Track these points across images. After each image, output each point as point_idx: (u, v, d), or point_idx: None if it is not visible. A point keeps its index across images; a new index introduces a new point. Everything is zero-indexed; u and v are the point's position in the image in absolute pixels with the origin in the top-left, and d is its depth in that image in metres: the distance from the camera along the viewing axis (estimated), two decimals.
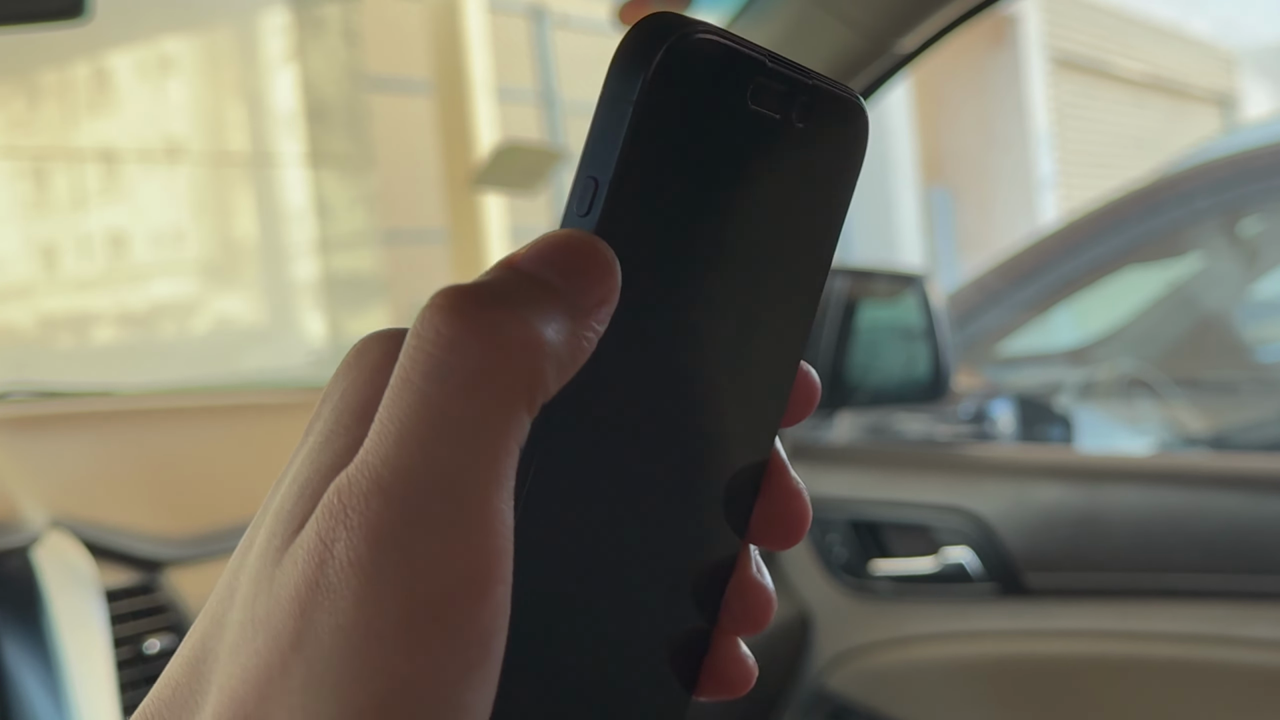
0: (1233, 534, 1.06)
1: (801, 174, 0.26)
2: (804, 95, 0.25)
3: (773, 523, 0.27)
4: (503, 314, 0.21)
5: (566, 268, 0.22)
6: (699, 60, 0.23)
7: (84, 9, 0.76)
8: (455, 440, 0.20)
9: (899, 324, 1.29)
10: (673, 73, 0.23)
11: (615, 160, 0.23)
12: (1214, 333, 1.88)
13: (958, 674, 1.13)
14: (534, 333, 0.21)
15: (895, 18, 1.03)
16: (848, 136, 0.26)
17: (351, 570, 0.19)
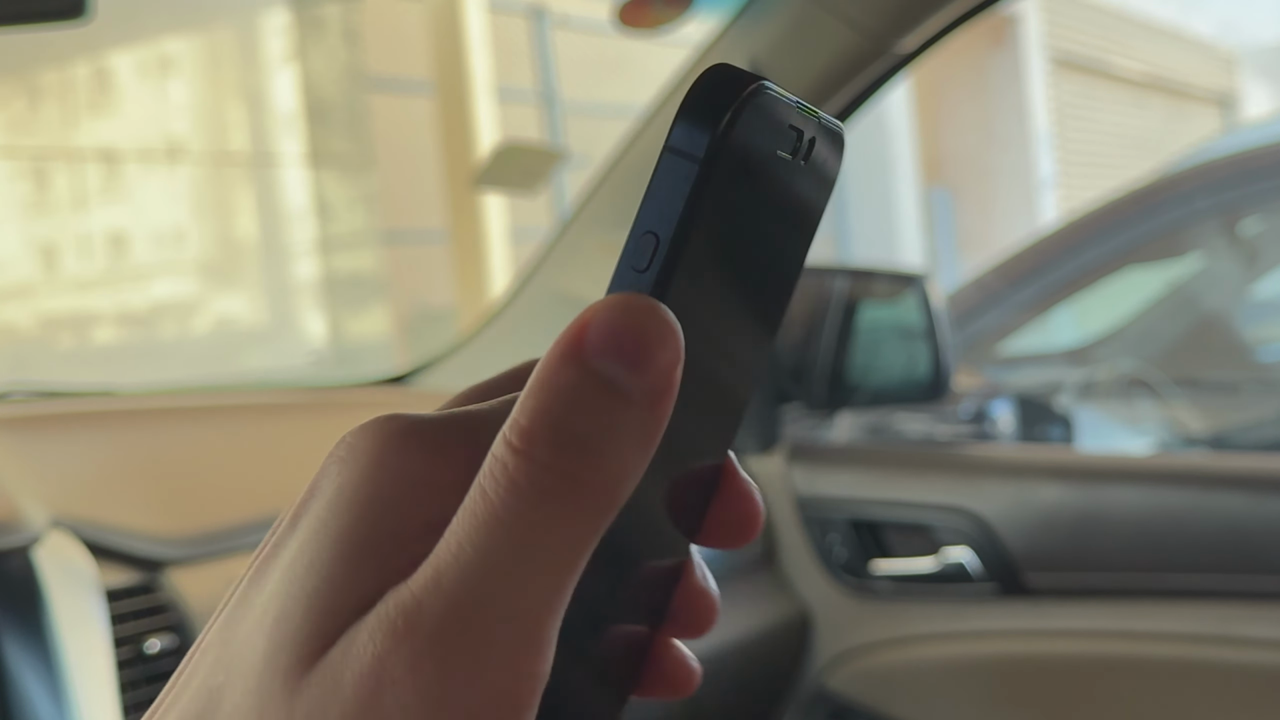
0: (1232, 534, 1.06)
1: (793, 207, 0.26)
2: (812, 135, 0.25)
3: (725, 525, 0.27)
4: (584, 453, 0.21)
5: (638, 357, 0.21)
6: (764, 117, 0.24)
7: (84, 9, 0.76)
8: (534, 570, 0.20)
9: (899, 324, 1.29)
10: (740, 129, 0.23)
11: (678, 217, 0.23)
12: (1214, 333, 1.88)
13: (958, 673, 1.13)
14: (617, 466, 0.21)
15: (895, 18, 1.03)
16: (833, 168, 0.27)
17: (416, 695, 0.19)
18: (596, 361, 0.21)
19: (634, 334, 0.21)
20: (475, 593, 0.20)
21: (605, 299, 0.22)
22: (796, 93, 0.25)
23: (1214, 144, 2.31)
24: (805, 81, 1.07)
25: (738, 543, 0.27)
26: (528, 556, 0.20)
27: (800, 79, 1.07)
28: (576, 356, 0.21)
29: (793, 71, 1.07)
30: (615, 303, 0.21)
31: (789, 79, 1.07)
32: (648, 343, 0.21)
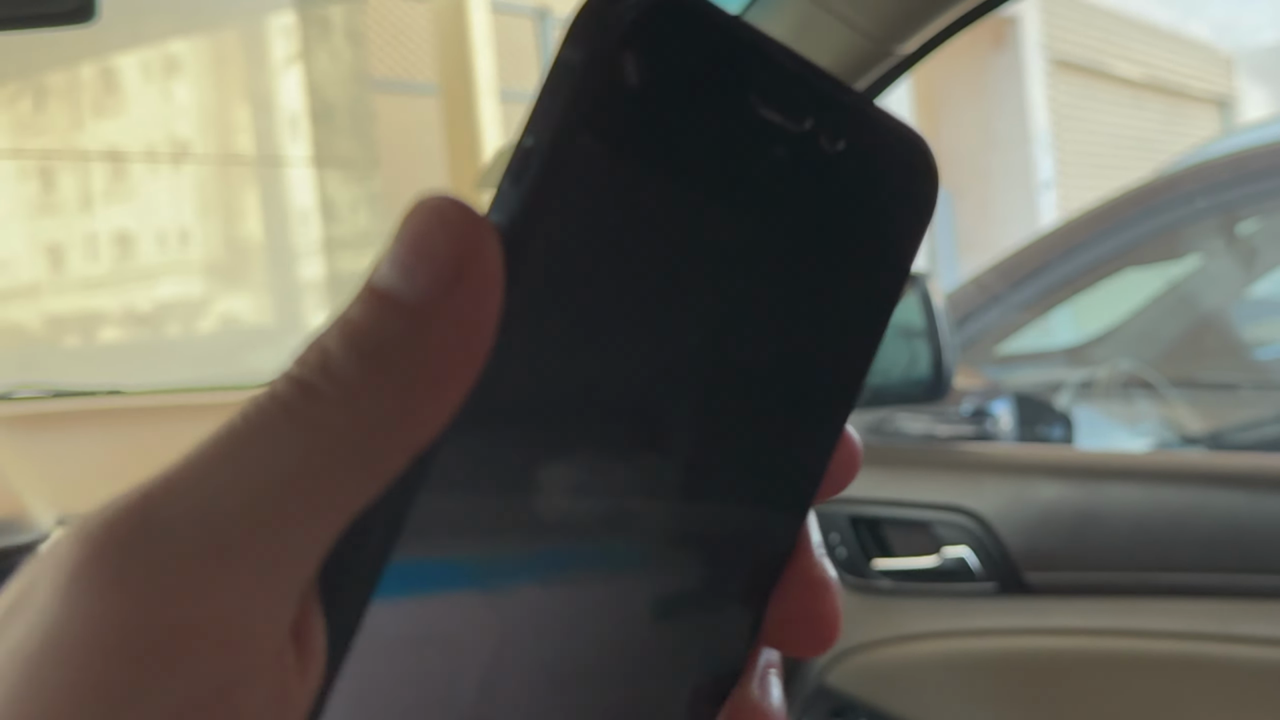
0: (1231, 532, 1.06)
1: (837, 205, 0.23)
2: (837, 112, 0.23)
3: (791, 623, 0.22)
4: (323, 369, 0.17)
5: (412, 255, 0.17)
6: (677, 29, 0.20)
7: (90, 11, 0.76)
8: (276, 508, 0.17)
9: (899, 324, 1.29)
10: (644, 33, 0.20)
11: (558, 124, 0.19)
12: (1212, 333, 1.88)
13: (958, 671, 1.13)
14: (360, 389, 0.17)
15: (897, 20, 1.03)
16: (908, 179, 0.23)
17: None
18: (376, 272, 0.17)
19: (413, 230, 0.17)
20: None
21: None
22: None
23: (1212, 145, 2.31)
24: None
25: (810, 649, 0.23)
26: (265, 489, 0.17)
27: None
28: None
29: None
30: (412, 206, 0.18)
31: None
32: (428, 236, 0.17)
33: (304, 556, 0.17)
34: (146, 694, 0.16)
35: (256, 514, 0.17)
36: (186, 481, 0.17)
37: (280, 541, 0.17)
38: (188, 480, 0.17)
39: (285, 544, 0.17)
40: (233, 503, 0.17)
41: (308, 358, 0.17)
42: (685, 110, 0.21)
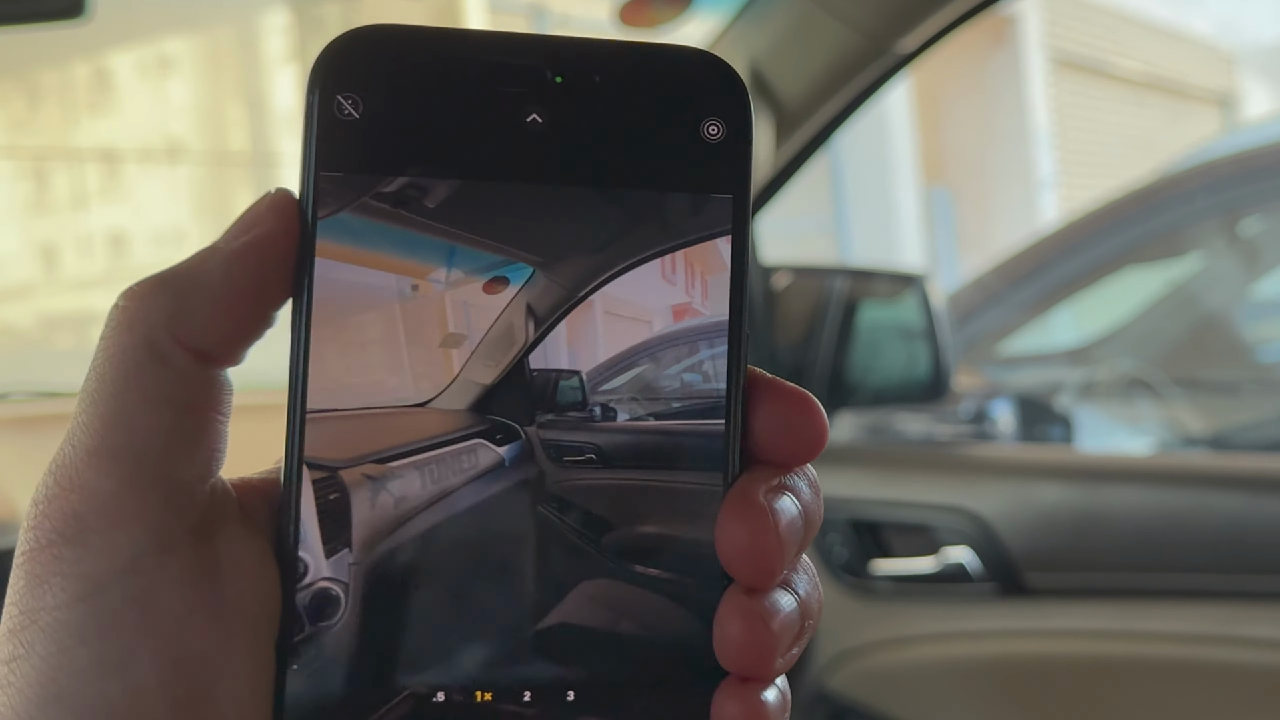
0: (1233, 534, 1.06)
1: (621, 140, 0.26)
2: (580, 61, 0.26)
3: (777, 433, 0.27)
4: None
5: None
6: (381, 54, 0.25)
7: (84, 9, 0.76)
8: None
9: (899, 324, 1.29)
10: (346, 61, 0.25)
11: (308, 163, 0.25)
12: (1214, 333, 1.88)
13: (958, 674, 1.13)
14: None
15: (895, 18, 1.03)
16: (692, 94, 0.26)
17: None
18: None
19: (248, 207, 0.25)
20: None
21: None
22: (796, 92, 0.25)
23: (1214, 144, 2.31)
24: (805, 82, 1.07)
25: (797, 457, 0.27)
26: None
27: (800, 79, 1.07)
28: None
29: (793, 71, 1.07)
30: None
31: (789, 79, 1.07)
32: (247, 209, 0.25)
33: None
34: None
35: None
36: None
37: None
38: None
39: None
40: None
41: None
42: (424, 116, 0.25)
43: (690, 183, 0.26)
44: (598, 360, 0.26)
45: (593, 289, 0.26)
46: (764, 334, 1.19)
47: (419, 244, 0.25)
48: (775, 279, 1.22)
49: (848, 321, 1.26)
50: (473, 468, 0.26)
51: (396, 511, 0.26)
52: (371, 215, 0.25)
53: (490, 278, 0.26)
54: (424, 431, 0.26)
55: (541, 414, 0.26)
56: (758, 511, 0.26)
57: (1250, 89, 9.36)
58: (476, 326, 0.26)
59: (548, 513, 0.26)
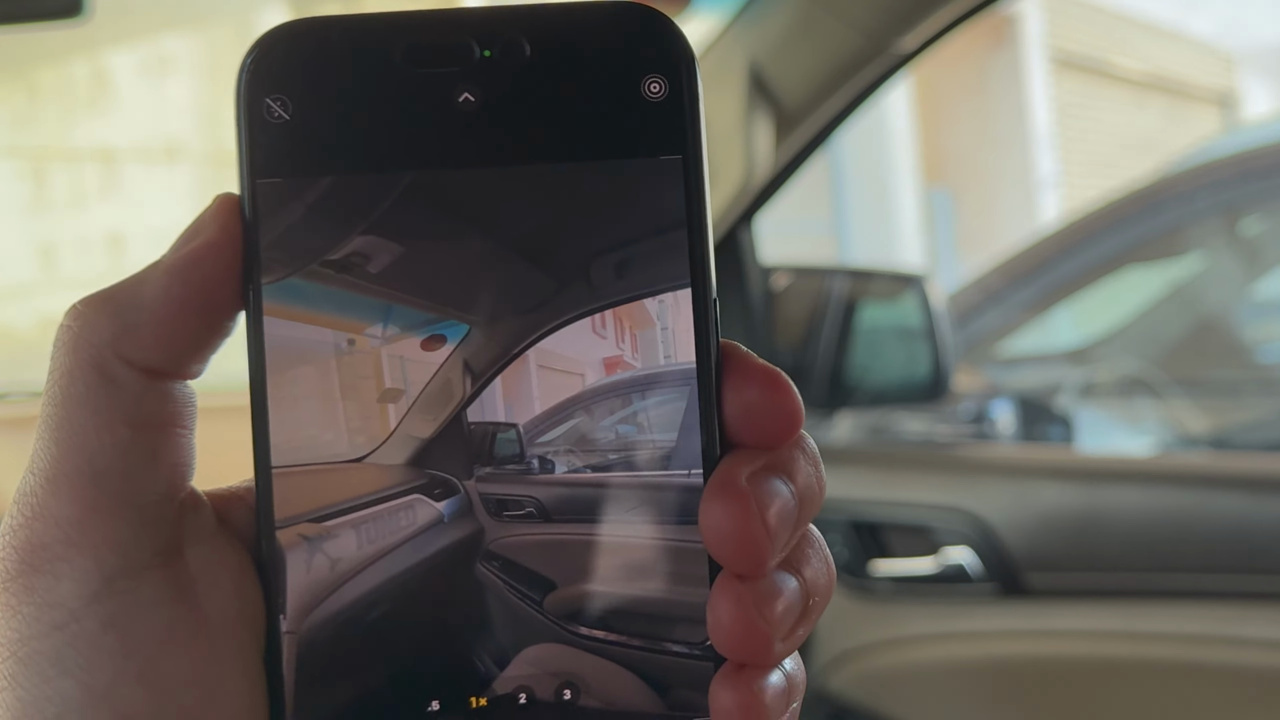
0: (1233, 534, 1.06)
1: (565, 105, 0.25)
2: (509, 30, 0.25)
3: (749, 414, 0.26)
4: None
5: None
6: (300, 48, 0.25)
7: (82, 8, 0.76)
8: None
9: (899, 324, 1.29)
10: (270, 62, 0.25)
11: (243, 171, 0.25)
12: (1214, 333, 1.88)
13: (958, 674, 1.13)
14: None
15: (895, 17, 1.03)
16: (631, 48, 0.25)
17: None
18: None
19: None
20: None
21: None
22: (796, 92, 0.24)
23: (1214, 144, 2.31)
24: (805, 81, 1.07)
25: (773, 437, 0.26)
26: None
27: (800, 79, 1.07)
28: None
29: (793, 71, 1.07)
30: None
31: (789, 78, 1.07)
32: (195, 219, 0.26)
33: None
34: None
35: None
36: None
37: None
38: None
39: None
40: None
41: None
42: (354, 109, 0.24)
43: (639, 146, 0.25)
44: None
45: (567, 280, 0.25)
46: (764, 334, 1.19)
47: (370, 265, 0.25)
48: (775, 279, 1.22)
49: (848, 321, 1.26)
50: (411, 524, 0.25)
51: (333, 574, 0.25)
52: (318, 232, 0.25)
53: (459, 259, 0.25)
54: (361, 488, 0.25)
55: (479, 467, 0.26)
56: (739, 496, 0.25)
57: (1250, 89, 9.37)
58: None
59: (489, 570, 0.25)
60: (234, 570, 0.25)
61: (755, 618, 0.24)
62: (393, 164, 0.24)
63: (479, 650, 0.25)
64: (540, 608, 0.25)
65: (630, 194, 0.25)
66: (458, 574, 0.25)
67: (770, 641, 0.25)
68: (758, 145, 1.09)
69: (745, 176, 1.10)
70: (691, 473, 0.25)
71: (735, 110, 1.09)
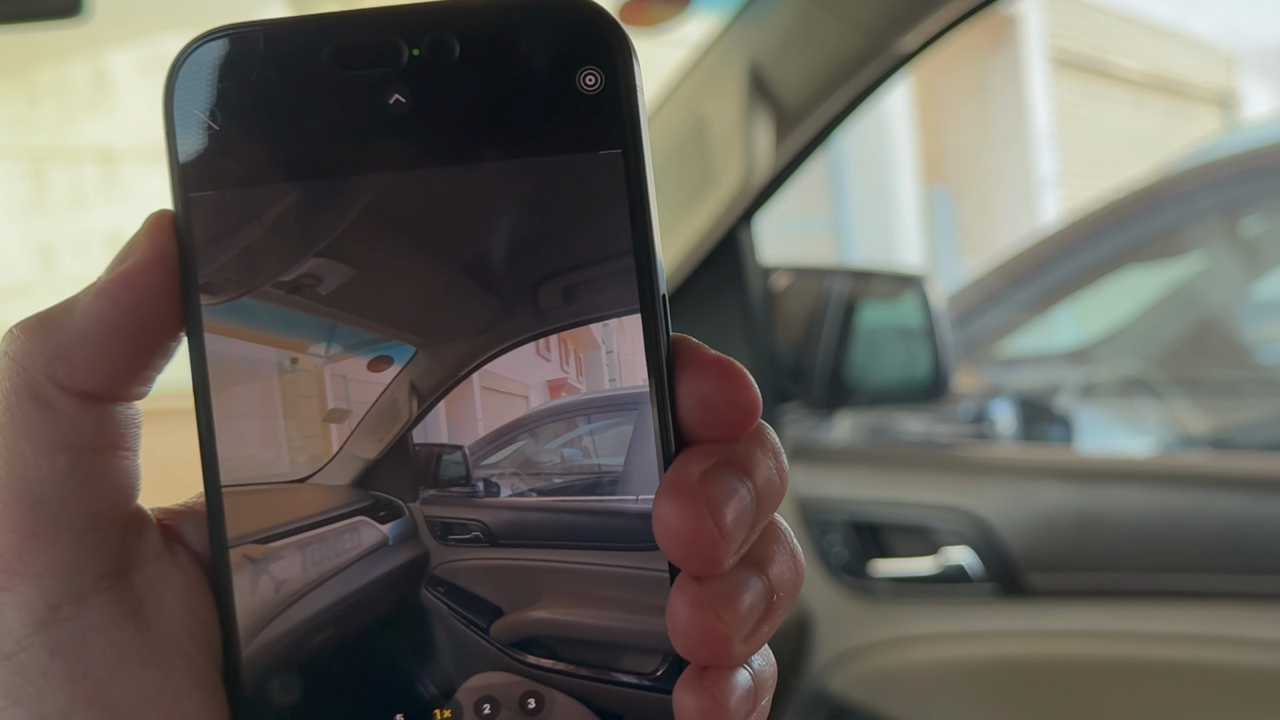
0: (1233, 535, 1.06)
1: (501, 101, 0.24)
2: (441, 29, 0.24)
3: (703, 405, 0.25)
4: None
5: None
6: (221, 56, 0.24)
7: (81, 8, 0.75)
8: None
9: (899, 324, 1.29)
10: (197, 70, 0.24)
11: (175, 185, 0.24)
12: (1214, 333, 1.88)
13: (958, 675, 1.13)
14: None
15: (895, 17, 1.03)
16: (543, 45, 0.24)
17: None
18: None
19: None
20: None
21: None
22: (796, 92, 0.24)
23: (1214, 144, 2.31)
24: (805, 81, 1.07)
25: (729, 429, 0.25)
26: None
27: (800, 79, 1.07)
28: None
29: (793, 71, 1.07)
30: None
31: (789, 79, 1.07)
32: (122, 249, 0.25)
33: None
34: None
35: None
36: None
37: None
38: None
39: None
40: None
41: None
42: (284, 116, 0.24)
43: (576, 141, 0.24)
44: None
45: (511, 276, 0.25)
46: (764, 334, 1.19)
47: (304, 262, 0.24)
48: (775, 279, 1.22)
49: (848, 322, 1.26)
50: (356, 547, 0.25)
51: (278, 596, 0.24)
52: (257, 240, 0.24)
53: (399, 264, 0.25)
54: (307, 509, 0.25)
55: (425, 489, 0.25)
56: (690, 495, 0.24)
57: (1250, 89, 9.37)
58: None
59: (434, 595, 0.25)
60: (183, 589, 0.25)
61: (713, 619, 0.24)
62: (326, 171, 0.24)
63: (424, 677, 0.25)
64: (487, 635, 0.25)
65: (572, 191, 0.24)
66: (403, 598, 0.25)
67: (730, 642, 0.24)
68: (758, 145, 1.09)
69: (745, 176, 1.10)
70: (640, 498, 0.25)
71: (735, 110, 1.08)
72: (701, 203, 1.13)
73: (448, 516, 0.25)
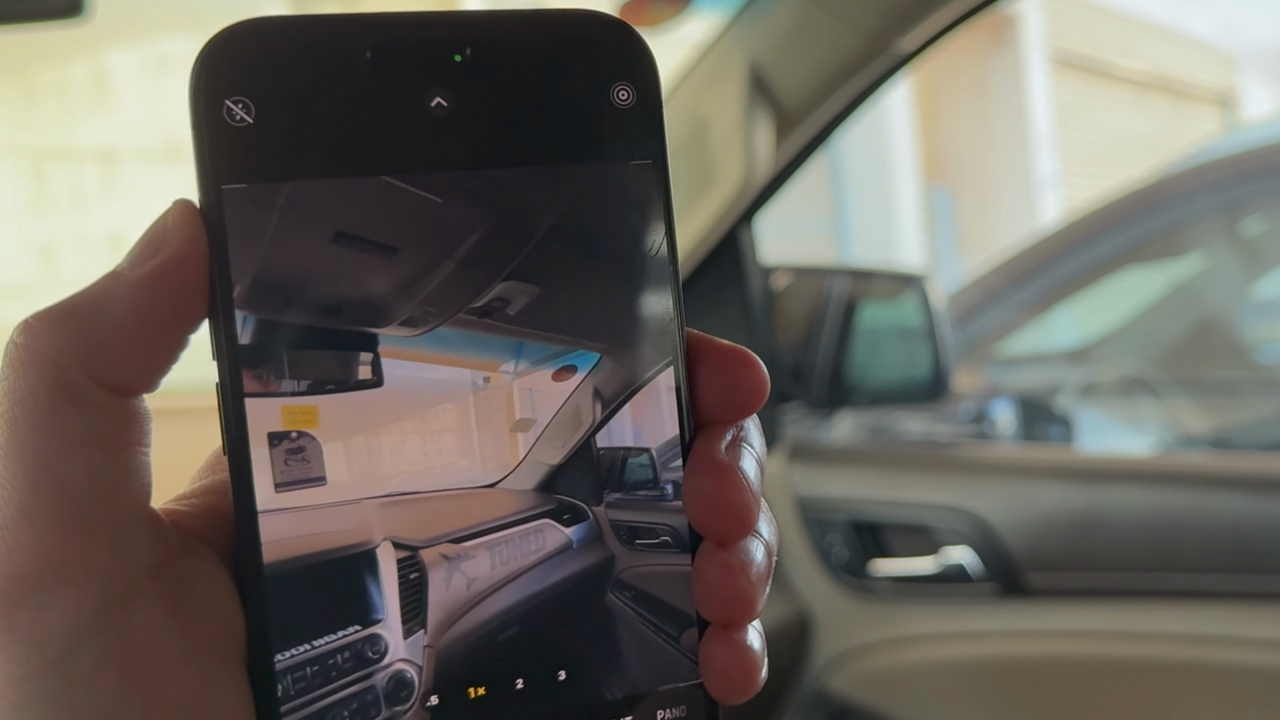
0: (1233, 534, 1.06)
1: (534, 107, 0.24)
2: (476, 33, 0.24)
3: (727, 390, 0.27)
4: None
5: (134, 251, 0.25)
6: (258, 48, 0.24)
7: (83, 8, 0.75)
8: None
9: (899, 324, 1.29)
10: (228, 62, 0.24)
11: (206, 176, 0.24)
12: (1214, 333, 1.88)
13: (958, 674, 1.13)
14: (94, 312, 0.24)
15: (895, 17, 1.03)
16: (596, 52, 0.25)
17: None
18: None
19: (149, 227, 0.25)
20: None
21: None
22: (797, 92, 0.25)
23: (1214, 144, 2.31)
24: (805, 81, 1.07)
25: (747, 411, 0.27)
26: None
27: (800, 79, 1.07)
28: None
29: (793, 71, 1.07)
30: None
31: (789, 79, 1.07)
32: (149, 230, 0.25)
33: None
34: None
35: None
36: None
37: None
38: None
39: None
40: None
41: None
42: (322, 112, 0.23)
43: (611, 151, 0.25)
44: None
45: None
46: (764, 334, 1.19)
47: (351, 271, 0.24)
48: (775, 279, 1.22)
49: (848, 321, 1.26)
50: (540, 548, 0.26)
51: (469, 593, 0.25)
52: (289, 230, 0.24)
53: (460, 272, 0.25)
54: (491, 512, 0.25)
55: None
56: (724, 468, 0.26)
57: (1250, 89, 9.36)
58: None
59: (620, 600, 0.26)
60: (210, 586, 0.25)
61: (744, 581, 0.26)
62: (363, 168, 0.24)
63: (609, 683, 0.25)
64: (677, 643, 0.26)
65: (614, 197, 0.25)
66: (587, 602, 0.26)
67: (757, 600, 0.26)
68: (758, 145, 1.09)
69: (745, 176, 1.10)
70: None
71: (735, 110, 1.08)
72: (702, 202, 1.13)
73: (635, 520, 0.26)
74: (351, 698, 0.24)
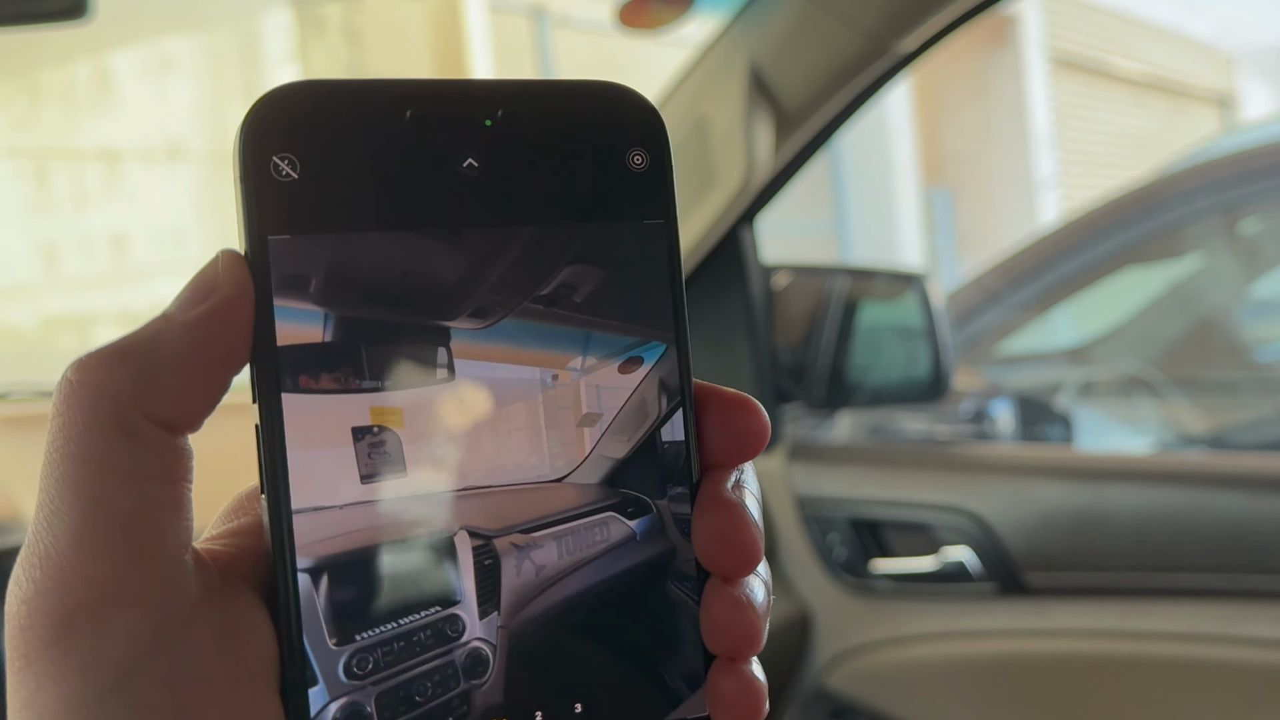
0: (1232, 533, 1.06)
1: (562, 172, 0.27)
2: (512, 102, 0.26)
3: (731, 436, 0.28)
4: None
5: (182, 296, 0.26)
6: (304, 108, 0.25)
7: (85, 9, 0.76)
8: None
9: (899, 324, 1.29)
10: (276, 120, 0.25)
11: (253, 227, 0.25)
12: (1214, 333, 1.88)
13: (958, 673, 1.13)
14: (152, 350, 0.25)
15: (895, 18, 1.03)
16: (601, 126, 0.27)
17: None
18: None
19: (197, 272, 0.26)
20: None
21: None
22: (797, 92, 0.26)
23: (1214, 144, 2.31)
24: (805, 81, 1.07)
25: (750, 454, 0.29)
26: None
27: (800, 79, 1.07)
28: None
29: (793, 71, 1.07)
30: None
31: (790, 79, 1.07)
32: (197, 276, 0.26)
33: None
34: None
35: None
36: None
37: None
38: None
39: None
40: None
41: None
42: (363, 170, 0.25)
43: (626, 211, 0.27)
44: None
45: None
46: (764, 334, 1.19)
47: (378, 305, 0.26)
48: (775, 279, 1.22)
49: (848, 321, 1.26)
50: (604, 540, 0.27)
51: (538, 579, 0.27)
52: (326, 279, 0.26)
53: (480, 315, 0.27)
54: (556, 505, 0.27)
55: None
56: (733, 506, 0.28)
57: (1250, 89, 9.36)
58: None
59: (681, 591, 0.28)
60: (250, 617, 0.26)
61: (751, 614, 0.27)
62: (401, 223, 0.26)
63: (672, 671, 0.27)
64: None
65: (628, 252, 0.27)
66: (649, 592, 0.28)
67: (761, 633, 0.28)
68: (758, 145, 1.09)
69: (746, 177, 1.10)
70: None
71: (735, 110, 1.09)
72: (703, 203, 1.13)
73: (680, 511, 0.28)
74: (433, 670, 0.26)
